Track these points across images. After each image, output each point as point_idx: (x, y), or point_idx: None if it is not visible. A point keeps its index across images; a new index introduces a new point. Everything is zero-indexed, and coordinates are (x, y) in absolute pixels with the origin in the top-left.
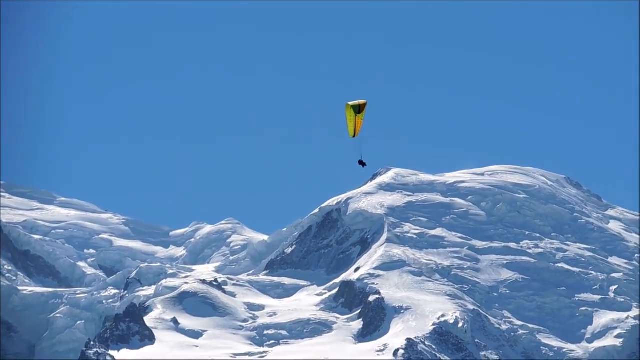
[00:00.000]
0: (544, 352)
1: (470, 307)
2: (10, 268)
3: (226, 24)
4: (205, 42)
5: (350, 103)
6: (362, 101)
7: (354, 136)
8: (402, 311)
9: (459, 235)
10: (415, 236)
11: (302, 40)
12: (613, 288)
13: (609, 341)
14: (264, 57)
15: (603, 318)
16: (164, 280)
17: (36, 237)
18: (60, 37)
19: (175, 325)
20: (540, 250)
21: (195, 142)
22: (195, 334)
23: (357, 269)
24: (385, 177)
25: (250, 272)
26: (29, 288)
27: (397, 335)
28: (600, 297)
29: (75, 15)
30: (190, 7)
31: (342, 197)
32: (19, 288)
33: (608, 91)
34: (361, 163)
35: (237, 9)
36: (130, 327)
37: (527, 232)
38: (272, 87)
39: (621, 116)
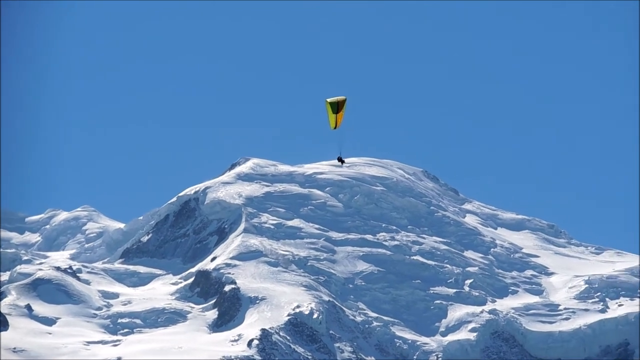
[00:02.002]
0: (397, 344)
1: (326, 298)
2: None
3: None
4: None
5: (329, 100)
6: (340, 98)
7: (335, 128)
8: (258, 301)
9: (316, 226)
10: (272, 227)
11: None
12: (468, 282)
13: (463, 335)
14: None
15: (457, 312)
16: (18, 267)
17: None
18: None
19: (29, 311)
20: (396, 242)
21: (53, 127)
22: (49, 321)
23: (213, 259)
24: (244, 167)
25: (106, 260)
26: None
27: (251, 325)
28: (455, 290)
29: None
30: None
31: (200, 186)
32: None
33: (465, 85)
34: (340, 160)
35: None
36: None
37: (383, 225)
38: (135, 75)
39: (478, 110)
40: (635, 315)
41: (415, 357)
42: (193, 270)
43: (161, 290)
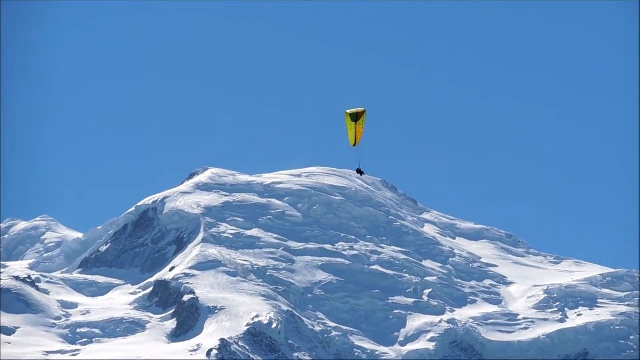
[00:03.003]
0: (357, 354)
1: (285, 308)
2: None
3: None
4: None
5: (348, 111)
6: (360, 109)
7: (354, 145)
8: (217, 311)
9: (275, 236)
10: (231, 236)
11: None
12: (427, 291)
13: (422, 344)
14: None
15: (416, 321)
16: None
17: None
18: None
19: None
20: (355, 252)
21: (8, 135)
22: (8, 331)
23: (172, 269)
24: (203, 177)
25: (64, 269)
26: None
27: (210, 335)
28: (413, 300)
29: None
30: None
31: (159, 196)
32: None
33: (424, 94)
34: (359, 172)
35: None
36: None
37: (342, 234)
38: (94, 84)
39: (436, 119)
40: (595, 325)
41: None
42: (152, 280)
43: (120, 300)
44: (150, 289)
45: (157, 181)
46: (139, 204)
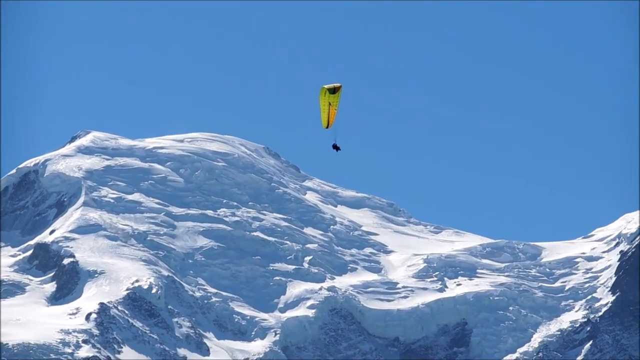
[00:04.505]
0: (236, 320)
1: (165, 273)
2: None
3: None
4: None
5: (326, 86)
6: (337, 84)
7: (327, 127)
8: (96, 275)
9: (157, 201)
10: (112, 200)
11: None
12: (307, 259)
13: (302, 312)
14: None
15: (296, 288)
16: None
17: None
18: None
19: None
20: (237, 218)
21: None
22: None
23: (52, 232)
24: (84, 140)
25: None
26: None
27: (90, 299)
28: (294, 267)
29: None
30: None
31: (40, 158)
32: None
33: (308, 61)
34: (335, 147)
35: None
36: None
37: (224, 200)
38: None
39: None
40: (473, 294)
41: (253, 333)
42: (32, 242)
43: None
44: (30, 251)
45: (39, 144)
46: (20, 166)
